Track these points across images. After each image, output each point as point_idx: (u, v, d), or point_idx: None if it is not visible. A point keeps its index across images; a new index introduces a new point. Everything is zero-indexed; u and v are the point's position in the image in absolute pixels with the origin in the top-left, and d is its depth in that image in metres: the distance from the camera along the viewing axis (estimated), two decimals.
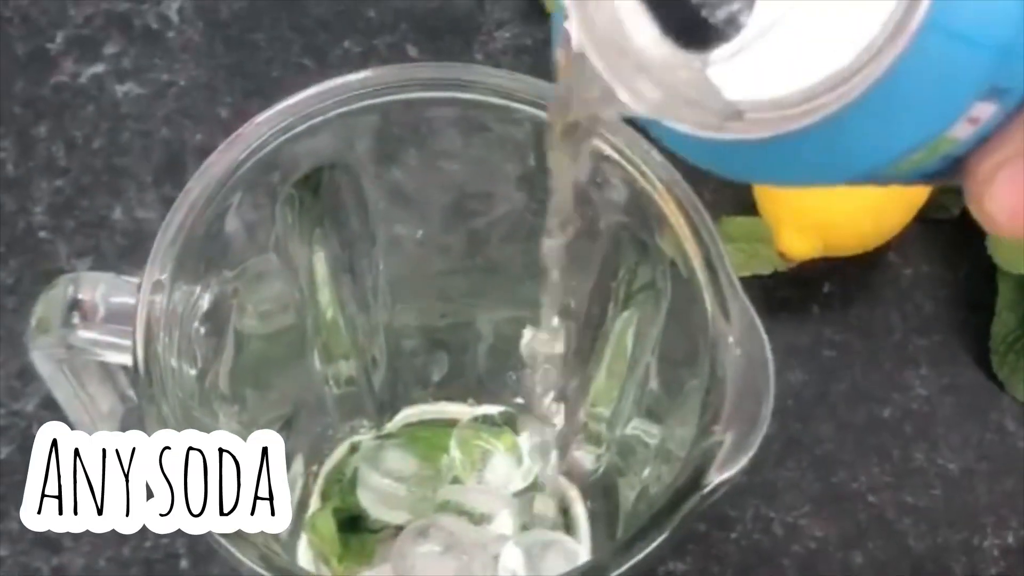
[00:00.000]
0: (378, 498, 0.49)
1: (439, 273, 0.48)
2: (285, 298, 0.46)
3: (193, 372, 0.40)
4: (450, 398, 0.54)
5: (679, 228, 0.39)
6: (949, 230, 0.64)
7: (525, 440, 0.48)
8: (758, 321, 0.37)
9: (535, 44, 0.67)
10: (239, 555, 0.35)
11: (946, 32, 0.24)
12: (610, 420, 0.48)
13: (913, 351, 0.62)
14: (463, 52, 0.67)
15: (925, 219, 0.62)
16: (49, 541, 0.56)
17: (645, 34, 0.26)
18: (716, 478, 0.35)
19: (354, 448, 0.52)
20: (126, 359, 0.39)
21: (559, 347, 0.43)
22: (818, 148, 0.25)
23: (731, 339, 0.37)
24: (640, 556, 0.34)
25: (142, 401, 0.37)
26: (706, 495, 0.35)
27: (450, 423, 0.52)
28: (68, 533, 0.56)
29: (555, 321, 0.40)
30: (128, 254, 0.61)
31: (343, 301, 0.47)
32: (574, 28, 0.26)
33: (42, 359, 0.41)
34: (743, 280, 0.61)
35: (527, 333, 0.43)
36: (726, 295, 0.38)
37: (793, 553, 0.58)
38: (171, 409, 0.37)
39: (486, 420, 0.50)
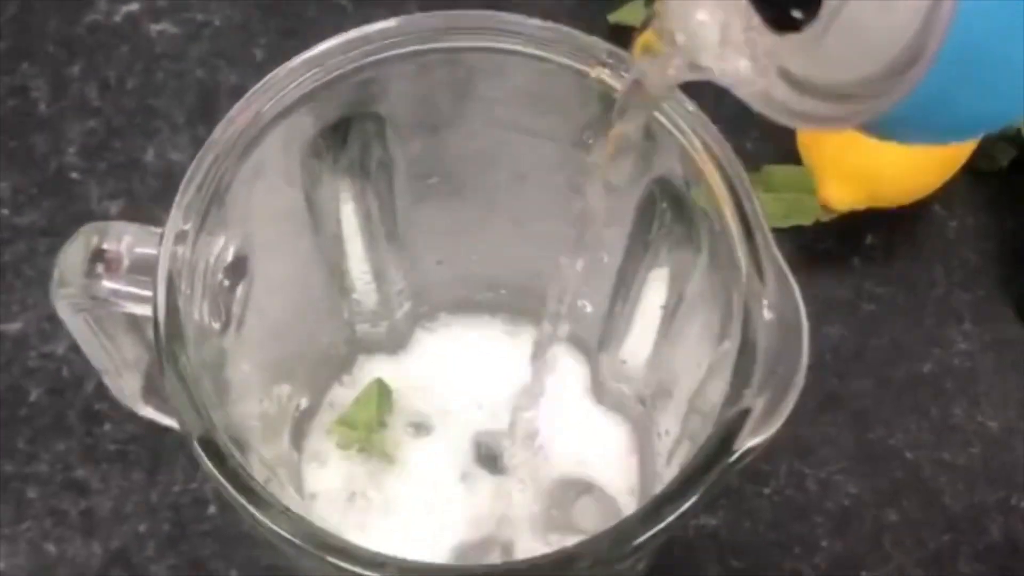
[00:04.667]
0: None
1: (469, 225, 0.47)
2: (312, 250, 0.45)
3: (216, 325, 0.39)
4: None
5: (716, 186, 0.38)
6: (996, 182, 0.63)
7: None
8: (795, 285, 0.36)
9: None
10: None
11: None
12: (644, 377, 0.46)
13: (956, 306, 0.61)
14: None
15: (972, 170, 0.61)
16: (77, 483, 0.56)
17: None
18: (745, 444, 0.34)
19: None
20: (149, 311, 0.38)
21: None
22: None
23: (765, 302, 0.36)
24: (667, 521, 0.34)
25: (160, 355, 0.36)
26: (734, 462, 0.34)
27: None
28: (97, 476, 0.56)
29: (580, 264, 0.40)
30: (160, 196, 0.61)
31: (372, 253, 0.46)
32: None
33: (65, 309, 0.41)
34: (783, 230, 0.61)
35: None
36: (762, 256, 0.37)
37: (826, 510, 0.57)
38: (190, 362, 0.36)
39: None
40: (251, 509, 0.34)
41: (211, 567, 0.54)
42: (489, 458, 0.50)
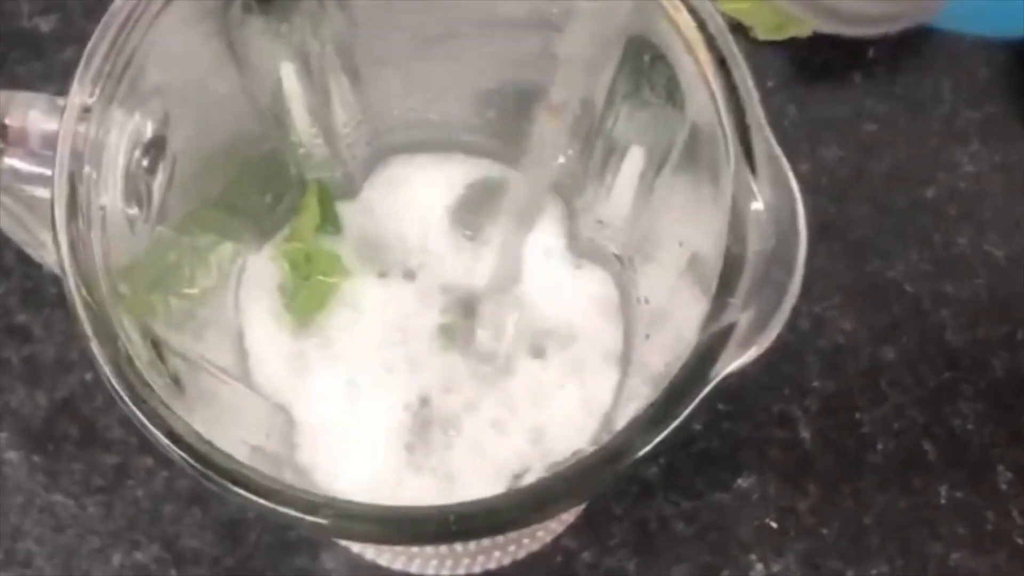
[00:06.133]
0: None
1: (436, 58, 0.42)
2: (248, 117, 0.40)
3: (134, 211, 0.34)
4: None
5: (697, 49, 0.33)
6: None
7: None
8: (790, 172, 0.31)
9: None
10: None
11: None
12: (622, 240, 0.42)
13: (963, 124, 0.57)
14: None
15: None
16: (18, 329, 0.52)
17: None
18: (726, 367, 0.30)
19: None
20: None
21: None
22: None
23: (755, 190, 0.31)
24: (624, 464, 0.30)
25: (58, 248, 0.32)
26: (716, 386, 0.30)
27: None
28: (39, 322, 0.52)
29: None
30: (98, 12, 0.55)
31: (319, 113, 0.41)
32: None
33: None
34: (777, 43, 0.56)
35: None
36: (752, 139, 0.32)
37: (819, 348, 0.54)
38: (94, 257, 0.32)
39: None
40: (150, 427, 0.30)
41: None
42: (462, 307, 0.46)
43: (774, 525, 0.52)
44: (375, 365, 0.45)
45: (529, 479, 0.41)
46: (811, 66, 0.57)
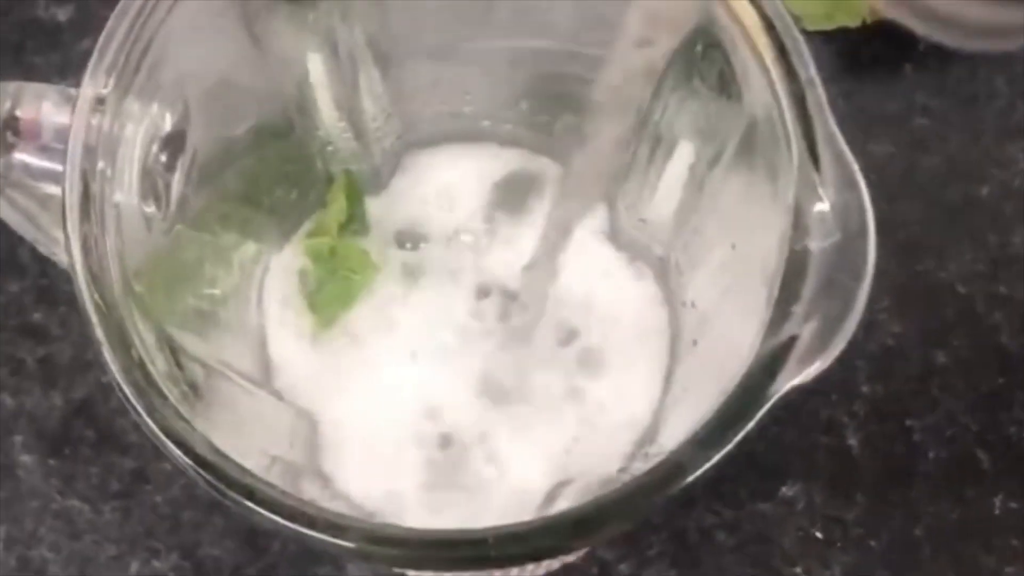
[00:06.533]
0: None
1: (464, 64, 0.40)
2: (272, 109, 0.38)
3: (151, 209, 0.32)
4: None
5: (758, 39, 0.31)
6: None
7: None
8: (857, 171, 0.29)
9: None
10: None
11: None
12: (666, 240, 0.40)
13: (1019, 119, 0.55)
14: None
15: None
16: (34, 329, 0.51)
17: None
18: (786, 383, 0.28)
19: None
20: None
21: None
22: None
23: (819, 189, 0.29)
24: (693, 477, 0.28)
25: (69, 248, 0.30)
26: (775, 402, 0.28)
27: None
28: (56, 320, 0.51)
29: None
30: (116, 2, 0.53)
31: (347, 105, 0.39)
32: None
33: None
34: (825, 34, 0.54)
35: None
36: (816, 134, 0.29)
37: (868, 352, 0.52)
38: (109, 251, 0.30)
39: None
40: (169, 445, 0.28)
41: None
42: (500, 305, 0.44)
43: (820, 536, 0.50)
44: (404, 368, 0.43)
45: (567, 492, 0.39)
46: (860, 58, 0.55)
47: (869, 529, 0.50)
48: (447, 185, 0.46)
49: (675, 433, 0.31)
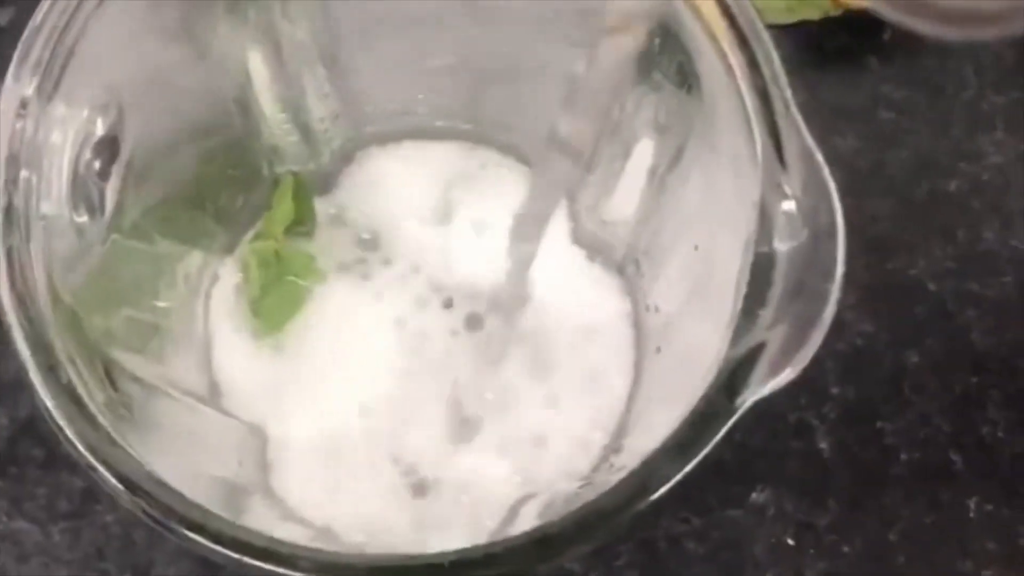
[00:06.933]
0: None
1: (415, 60, 0.38)
2: (212, 110, 0.36)
3: (83, 219, 0.31)
4: None
5: (719, 32, 0.29)
6: None
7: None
8: (823, 165, 0.28)
9: None
10: None
11: None
12: (628, 242, 0.39)
13: (988, 111, 0.54)
14: None
15: None
16: None
17: None
18: (755, 393, 0.26)
19: None
20: None
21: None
22: None
23: (785, 187, 0.28)
24: (659, 493, 0.26)
25: None
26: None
27: None
28: None
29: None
30: None
31: (292, 105, 0.37)
32: None
33: None
34: (786, 27, 0.53)
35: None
36: (781, 129, 0.28)
37: (837, 352, 0.51)
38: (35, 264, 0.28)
39: None
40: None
41: None
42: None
43: (791, 543, 0.49)
44: (359, 380, 0.42)
45: (531, 506, 0.37)
46: (824, 51, 0.54)
47: (842, 535, 0.50)
48: (402, 185, 0.45)
49: (640, 444, 0.30)
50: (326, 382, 0.42)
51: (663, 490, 0.27)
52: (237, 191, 0.42)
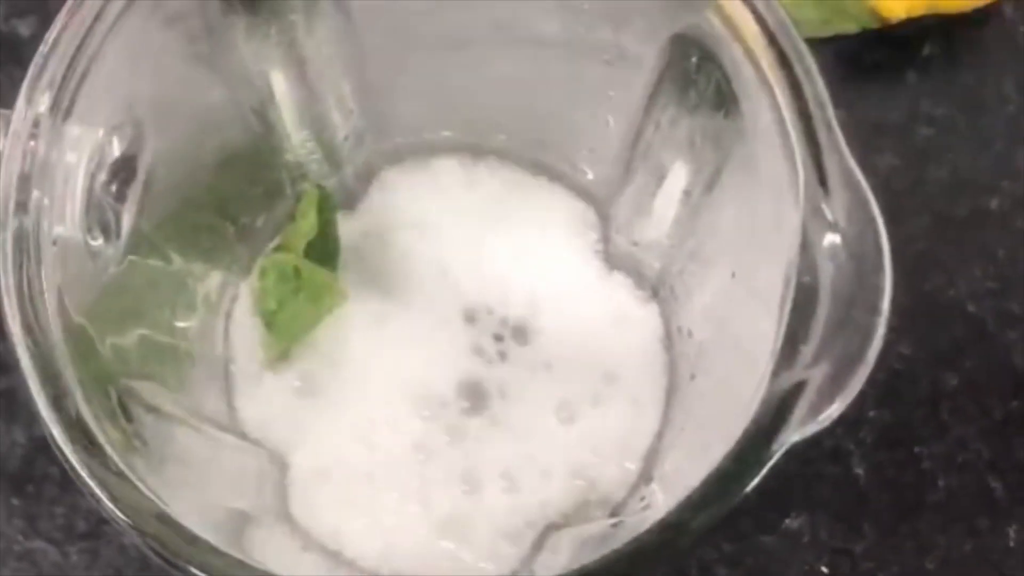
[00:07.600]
0: None
1: (444, 80, 0.38)
2: (233, 129, 0.35)
3: (98, 242, 0.30)
4: None
5: (759, 52, 0.28)
6: None
7: None
8: (869, 193, 0.27)
9: None
10: None
11: None
12: (659, 265, 0.38)
13: None
14: None
15: None
16: None
17: None
18: (795, 434, 0.25)
19: None
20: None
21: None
22: None
23: (828, 214, 0.27)
24: (690, 542, 0.25)
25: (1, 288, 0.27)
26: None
27: None
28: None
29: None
30: None
31: (316, 124, 0.36)
32: None
33: None
34: (823, 41, 0.52)
35: None
36: (824, 154, 0.27)
37: (874, 375, 0.49)
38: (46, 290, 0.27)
39: None
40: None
41: None
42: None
43: (826, 570, 0.49)
44: (382, 405, 0.41)
45: (557, 538, 0.36)
46: (861, 65, 0.53)
47: (878, 562, 0.49)
48: (428, 204, 0.44)
49: (671, 477, 0.29)
50: (348, 407, 0.41)
51: (694, 538, 0.25)
52: (258, 209, 0.41)
